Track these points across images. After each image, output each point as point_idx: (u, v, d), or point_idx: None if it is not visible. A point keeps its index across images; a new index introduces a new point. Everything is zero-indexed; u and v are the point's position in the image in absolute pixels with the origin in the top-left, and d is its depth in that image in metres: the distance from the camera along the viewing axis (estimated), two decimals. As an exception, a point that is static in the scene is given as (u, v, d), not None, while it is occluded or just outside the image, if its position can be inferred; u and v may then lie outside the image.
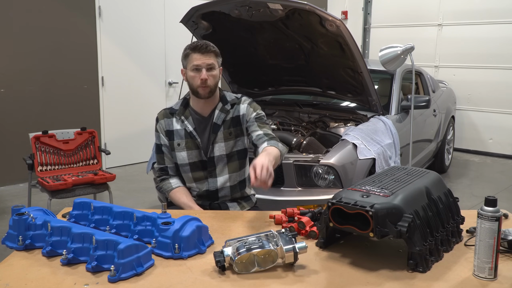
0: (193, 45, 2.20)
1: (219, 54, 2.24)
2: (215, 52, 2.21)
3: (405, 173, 1.74)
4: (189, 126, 2.28)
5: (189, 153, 2.29)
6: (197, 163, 2.30)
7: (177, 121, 2.31)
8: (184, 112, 2.31)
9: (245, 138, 2.33)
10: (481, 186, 5.36)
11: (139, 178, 5.42)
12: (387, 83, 4.44)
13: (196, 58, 2.18)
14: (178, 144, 2.30)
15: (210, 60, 2.18)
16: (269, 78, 4.33)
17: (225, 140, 2.28)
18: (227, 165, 2.30)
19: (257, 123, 2.27)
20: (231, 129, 2.29)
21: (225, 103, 2.30)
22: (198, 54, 2.18)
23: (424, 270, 1.45)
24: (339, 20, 3.22)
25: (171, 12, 6.10)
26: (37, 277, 1.41)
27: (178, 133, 2.30)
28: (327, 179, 3.19)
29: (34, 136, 3.60)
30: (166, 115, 2.34)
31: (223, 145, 2.28)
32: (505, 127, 6.76)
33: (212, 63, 2.19)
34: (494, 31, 6.66)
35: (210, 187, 2.31)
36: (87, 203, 1.78)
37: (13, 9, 4.90)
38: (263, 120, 2.31)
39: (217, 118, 2.27)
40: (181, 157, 2.30)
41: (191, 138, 2.28)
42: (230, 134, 2.28)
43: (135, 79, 5.98)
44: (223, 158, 2.29)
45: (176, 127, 2.31)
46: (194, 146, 2.29)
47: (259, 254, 1.45)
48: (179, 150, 2.30)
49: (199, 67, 2.18)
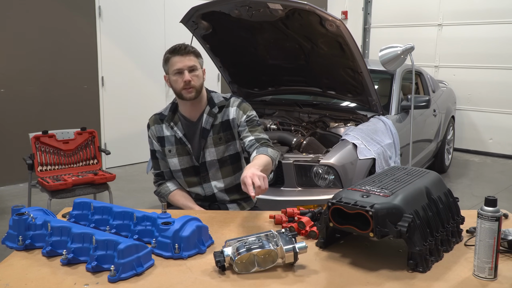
0: (172, 48, 2.16)
1: (199, 55, 2.20)
2: (195, 53, 2.16)
3: (405, 173, 1.74)
4: (178, 132, 2.24)
5: (180, 159, 2.26)
6: (189, 169, 2.27)
7: (166, 127, 2.27)
8: (173, 117, 2.26)
9: (237, 142, 2.27)
10: (481, 186, 5.36)
11: (139, 178, 5.42)
12: (387, 83, 4.44)
13: (176, 61, 2.14)
14: (169, 150, 2.27)
15: (191, 61, 2.14)
16: (269, 78, 4.33)
17: (215, 145, 2.23)
18: (220, 170, 2.26)
19: (248, 128, 2.21)
20: (220, 134, 2.24)
21: (212, 106, 2.24)
22: (178, 56, 2.13)
23: (424, 270, 1.45)
24: (339, 20, 3.22)
25: (171, 12, 6.10)
26: (37, 277, 1.41)
27: (168, 139, 2.27)
28: (327, 179, 3.19)
29: (34, 136, 3.60)
30: (156, 121, 2.31)
31: (213, 150, 2.23)
32: (505, 127, 6.76)
33: (194, 65, 2.14)
34: (494, 31, 6.66)
35: (206, 193, 2.29)
36: (87, 203, 1.78)
37: (13, 9, 4.90)
38: (254, 122, 2.24)
39: (205, 122, 2.23)
40: (173, 163, 2.28)
41: (181, 144, 2.25)
42: (220, 140, 2.23)
43: (135, 79, 5.98)
44: (215, 163, 2.25)
45: (166, 134, 2.27)
46: (184, 152, 2.26)
47: (259, 254, 1.45)
48: (171, 157, 2.27)
49: (180, 70, 2.13)
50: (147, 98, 6.09)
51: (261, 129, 2.25)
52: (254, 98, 4.50)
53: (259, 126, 2.25)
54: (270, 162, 2.04)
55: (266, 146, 2.13)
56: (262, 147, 2.13)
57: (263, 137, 2.20)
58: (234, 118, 2.24)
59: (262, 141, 2.17)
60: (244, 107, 2.26)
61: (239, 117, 2.23)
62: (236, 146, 2.28)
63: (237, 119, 2.24)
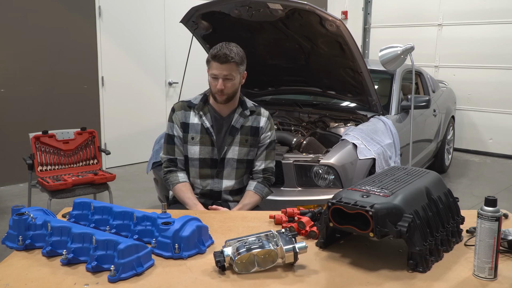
0: (214, 52, 2.19)
1: (241, 62, 2.23)
2: (235, 62, 2.19)
3: (405, 173, 1.74)
4: (206, 122, 2.30)
5: (202, 148, 2.31)
6: (207, 160, 2.32)
7: (194, 115, 2.33)
8: (203, 107, 2.33)
9: (256, 149, 2.37)
10: (481, 186, 5.36)
11: (139, 178, 5.42)
12: (387, 83, 4.44)
13: (214, 67, 2.19)
14: (192, 137, 2.31)
15: (227, 71, 2.18)
16: (269, 78, 4.33)
17: (240, 145, 2.31)
18: (235, 170, 2.33)
19: (266, 151, 2.36)
20: (248, 136, 2.32)
21: (244, 109, 2.33)
22: (216, 63, 2.19)
23: (424, 270, 1.45)
24: (339, 20, 3.22)
25: (171, 12, 6.10)
26: (37, 277, 1.41)
27: (194, 127, 2.32)
28: (327, 179, 3.19)
29: (34, 136, 3.59)
30: (183, 107, 2.35)
31: (237, 149, 2.30)
32: (505, 127, 6.75)
33: (230, 74, 2.19)
34: (494, 31, 6.65)
35: (214, 188, 2.33)
36: (87, 203, 1.78)
37: (13, 9, 4.90)
38: (272, 146, 2.39)
39: (235, 121, 2.31)
40: (192, 150, 2.32)
41: (207, 134, 2.30)
42: (246, 141, 2.32)
43: (135, 79, 5.98)
44: (233, 162, 2.31)
45: (193, 121, 2.32)
46: (208, 143, 2.31)
47: (259, 254, 1.45)
48: (192, 144, 2.31)
49: (216, 76, 2.20)
50: (147, 98, 6.09)
51: (274, 153, 2.42)
52: (254, 98, 4.49)
53: (274, 150, 2.42)
54: (259, 200, 2.35)
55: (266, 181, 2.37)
56: (261, 184, 2.35)
57: (270, 166, 2.41)
58: (263, 127, 2.35)
59: (267, 174, 2.38)
60: (272, 123, 2.42)
61: (266, 130, 2.36)
62: (255, 152, 2.37)
63: (264, 130, 2.36)
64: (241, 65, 2.24)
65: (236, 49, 2.22)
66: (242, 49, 2.28)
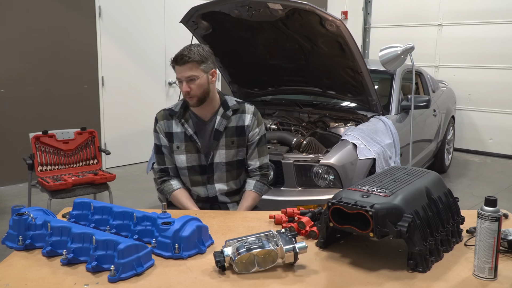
0: (174, 56, 2.13)
1: (202, 60, 2.11)
2: (195, 61, 2.09)
3: (405, 173, 1.74)
4: (189, 130, 2.24)
5: (188, 156, 2.26)
6: (195, 167, 2.28)
7: (176, 124, 2.27)
8: (184, 115, 2.26)
9: (245, 149, 2.31)
10: (481, 186, 5.35)
11: (139, 178, 5.42)
12: (387, 83, 4.43)
13: (176, 71, 2.13)
14: (178, 147, 2.27)
15: (188, 72, 2.09)
16: (269, 78, 4.33)
17: (226, 147, 2.25)
18: (225, 173, 2.28)
19: (258, 148, 2.30)
20: (234, 138, 2.26)
21: (226, 109, 2.25)
22: (177, 66, 2.12)
23: (424, 270, 1.45)
24: (339, 20, 3.22)
25: (171, 12, 6.10)
26: (37, 277, 1.41)
27: (178, 136, 2.27)
28: (327, 179, 3.19)
29: (34, 136, 3.59)
30: (165, 117, 2.30)
31: (224, 152, 2.25)
32: (505, 127, 6.75)
33: (192, 75, 2.10)
34: (494, 31, 6.65)
35: (209, 194, 2.30)
36: (87, 203, 1.78)
37: (13, 9, 4.89)
38: (263, 141, 2.33)
39: (218, 124, 2.24)
40: (179, 160, 2.28)
41: (192, 142, 2.25)
42: (232, 143, 2.26)
43: (135, 79, 5.98)
44: (223, 166, 2.27)
45: (176, 130, 2.27)
46: (194, 150, 2.26)
47: (259, 254, 1.45)
48: (178, 153, 2.27)
49: (180, 79, 2.13)
50: (147, 98, 6.09)
51: (266, 148, 2.35)
52: (254, 98, 4.50)
53: (266, 144, 2.36)
54: (258, 198, 2.31)
55: (264, 178, 2.33)
56: (259, 182, 2.31)
57: (265, 162, 2.35)
58: (249, 125, 2.28)
59: (264, 171, 2.34)
60: (259, 118, 2.33)
61: (253, 127, 2.29)
62: (244, 152, 2.31)
63: (251, 128, 2.28)
64: (204, 63, 2.11)
65: (198, 48, 2.12)
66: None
